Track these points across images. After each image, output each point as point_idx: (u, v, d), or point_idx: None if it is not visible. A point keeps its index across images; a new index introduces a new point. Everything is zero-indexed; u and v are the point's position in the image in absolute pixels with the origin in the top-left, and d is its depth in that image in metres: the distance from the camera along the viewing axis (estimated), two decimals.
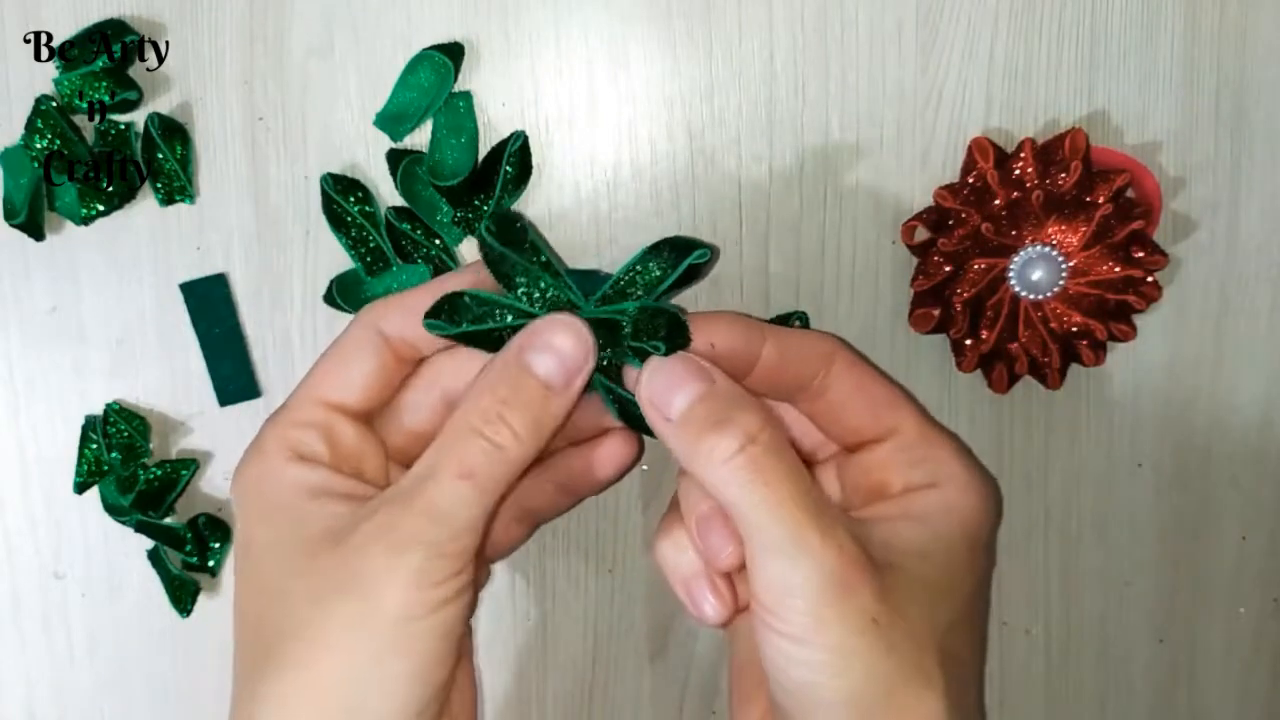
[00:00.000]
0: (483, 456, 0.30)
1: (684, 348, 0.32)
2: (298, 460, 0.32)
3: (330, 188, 0.39)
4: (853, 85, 0.39)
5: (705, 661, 0.42)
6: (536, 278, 0.33)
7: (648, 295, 0.33)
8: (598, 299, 0.33)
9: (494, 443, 0.30)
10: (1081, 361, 0.39)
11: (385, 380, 0.34)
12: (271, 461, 0.32)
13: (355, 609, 0.29)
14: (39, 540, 0.42)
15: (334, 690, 0.29)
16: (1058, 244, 0.38)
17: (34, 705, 0.43)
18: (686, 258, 0.32)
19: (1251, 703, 0.43)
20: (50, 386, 0.41)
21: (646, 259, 0.33)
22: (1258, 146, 0.40)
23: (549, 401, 0.31)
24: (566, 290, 0.33)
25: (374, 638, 0.29)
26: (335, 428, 0.33)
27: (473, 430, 0.30)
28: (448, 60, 0.38)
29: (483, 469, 0.30)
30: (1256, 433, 0.41)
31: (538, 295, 0.33)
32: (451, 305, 0.33)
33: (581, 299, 0.33)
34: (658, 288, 0.33)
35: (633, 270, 0.33)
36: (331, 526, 0.31)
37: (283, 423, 0.33)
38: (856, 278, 0.40)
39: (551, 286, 0.33)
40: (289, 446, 0.32)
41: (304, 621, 0.30)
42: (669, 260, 0.33)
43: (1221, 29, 0.39)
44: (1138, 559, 0.42)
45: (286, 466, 0.32)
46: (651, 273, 0.33)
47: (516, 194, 0.40)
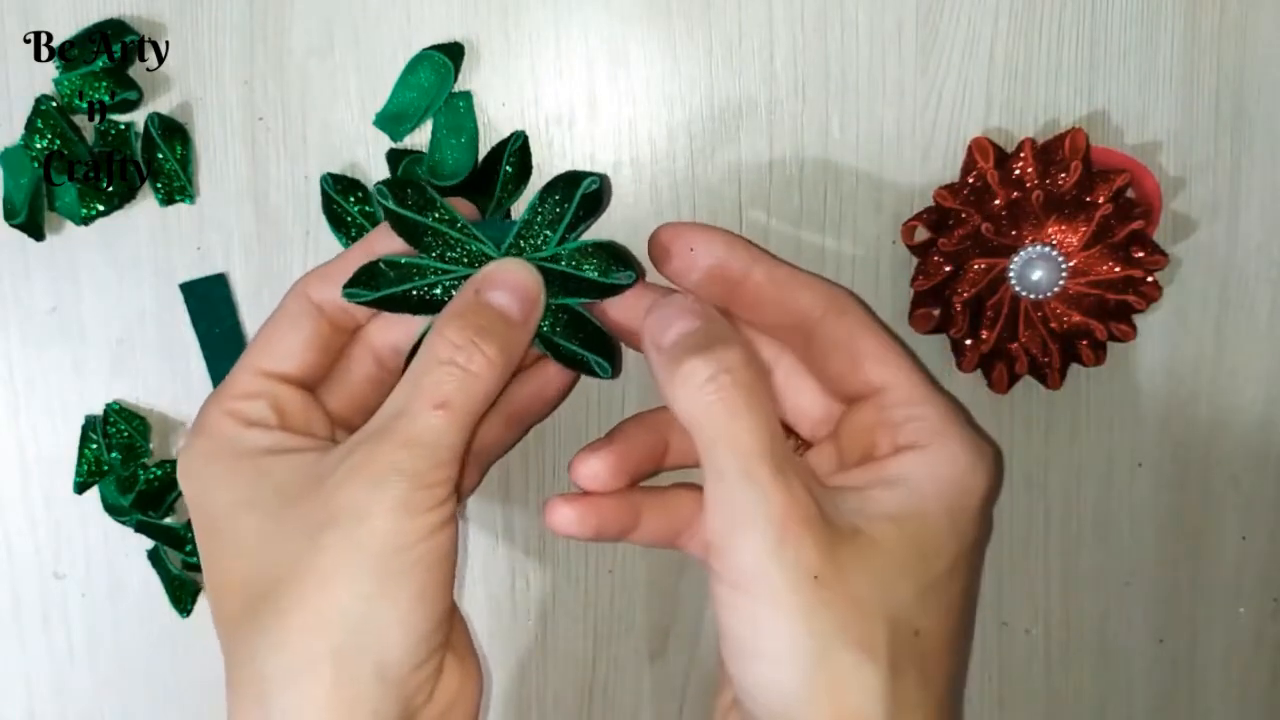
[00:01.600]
0: (456, 385, 0.31)
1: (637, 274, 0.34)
2: (249, 426, 0.32)
3: (330, 188, 0.39)
4: (853, 85, 0.39)
5: (705, 661, 0.42)
6: (443, 235, 0.34)
7: (553, 233, 0.34)
8: (508, 245, 0.34)
9: (467, 370, 0.31)
10: (1081, 361, 0.39)
11: (322, 348, 0.34)
12: (224, 429, 0.32)
13: (345, 541, 0.29)
14: (39, 540, 0.42)
15: (337, 622, 0.29)
16: (1058, 244, 0.38)
17: (34, 705, 0.43)
18: (578, 189, 0.34)
19: (1251, 703, 0.43)
20: (50, 386, 0.41)
21: (543, 198, 0.34)
22: (1258, 146, 0.40)
23: (510, 331, 0.32)
24: (476, 242, 0.34)
25: (369, 567, 0.29)
26: (280, 396, 0.33)
27: (444, 361, 0.31)
28: (448, 60, 0.38)
29: (457, 397, 0.31)
30: (1256, 433, 0.41)
31: (450, 253, 0.34)
32: (370, 273, 0.34)
33: (494, 248, 0.34)
34: (560, 223, 0.34)
35: (534, 211, 0.34)
36: (303, 473, 0.31)
37: (225, 397, 0.33)
38: (856, 278, 0.40)
39: (461, 240, 0.34)
40: (236, 416, 0.33)
41: (294, 563, 0.30)
42: (564, 194, 0.34)
43: (1221, 29, 0.39)
44: (1138, 559, 0.42)
45: (240, 432, 0.32)
46: (551, 210, 0.34)
47: (516, 194, 0.40)
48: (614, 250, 0.34)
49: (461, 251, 0.34)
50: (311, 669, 0.29)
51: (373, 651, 0.29)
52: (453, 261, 0.34)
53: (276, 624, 0.29)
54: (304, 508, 0.30)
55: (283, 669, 0.29)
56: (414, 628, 0.30)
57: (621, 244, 0.35)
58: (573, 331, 0.35)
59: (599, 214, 0.35)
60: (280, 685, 0.29)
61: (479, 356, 0.31)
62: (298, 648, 0.29)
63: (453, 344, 0.31)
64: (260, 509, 0.31)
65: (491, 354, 0.31)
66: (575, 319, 0.35)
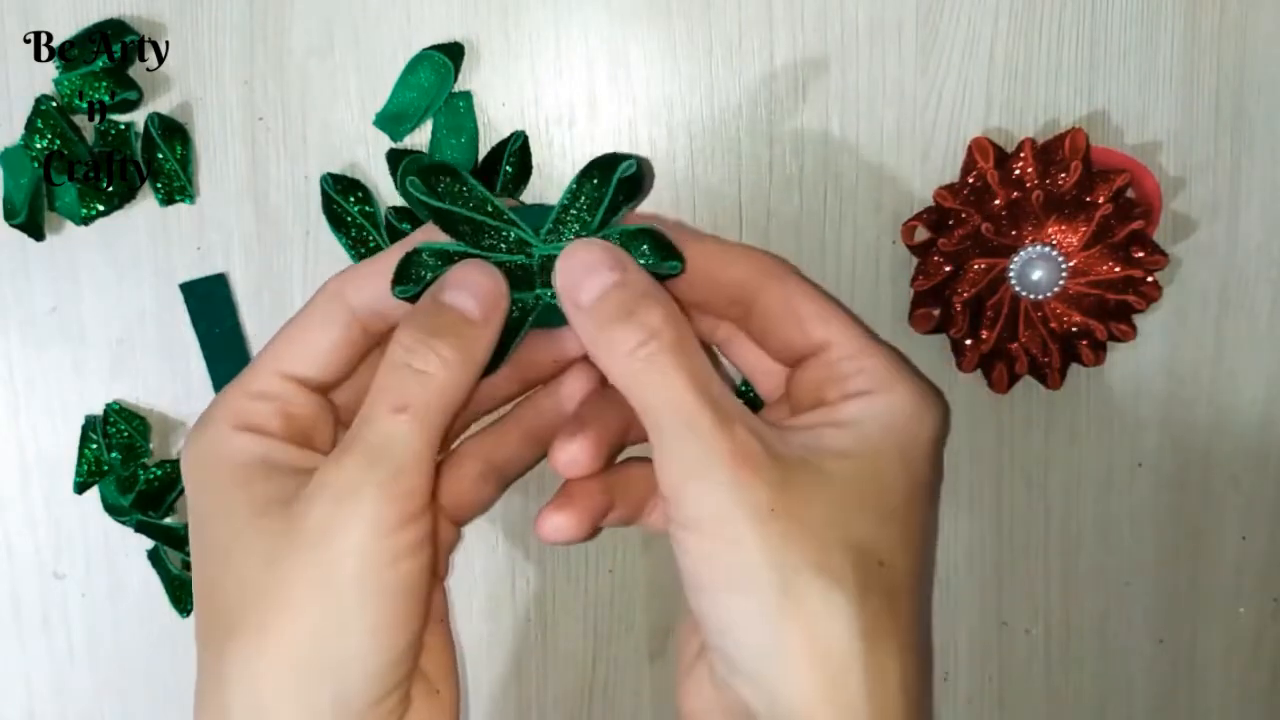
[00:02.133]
0: (413, 386, 0.30)
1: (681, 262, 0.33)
2: (246, 431, 0.32)
3: (330, 188, 0.39)
4: (853, 85, 0.39)
5: None
6: (481, 223, 0.33)
7: (592, 218, 0.33)
8: (547, 230, 0.33)
9: (421, 370, 0.30)
10: (1081, 361, 0.39)
11: (349, 353, 0.33)
12: (219, 430, 0.32)
13: (310, 565, 0.29)
14: (39, 540, 0.42)
15: (299, 654, 0.29)
16: (1058, 244, 0.38)
17: (34, 705, 0.43)
18: (614, 172, 0.33)
19: (1251, 703, 0.43)
20: (50, 386, 0.41)
21: (580, 181, 0.33)
22: (1258, 146, 0.40)
23: (470, 330, 0.31)
24: (514, 228, 0.33)
25: (334, 593, 0.29)
26: (292, 400, 0.33)
27: (398, 365, 0.30)
28: (447, 60, 0.38)
29: (416, 399, 0.30)
30: (1256, 433, 0.41)
31: (488, 240, 0.33)
32: (412, 265, 0.33)
33: (531, 233, 0.33)
34: (599, 208, 0.33)
35: (572, 195, 0.33)
36: (278, 493, 0.30)
37: (237, 392, 0.32)
38: (856, 278, 0.40)
39: (499, 227, 0.33)
40: (239, 417, 0.32)
41: (260, 583, 0.29)
42: (601, 177, 0.33)
43: (1221, 29, 0.39)
44: (1138, 559, 0.42)
45: (234, 436, 0.32)
46: (590, 194, 0.33)
47: (516, 193, 0.40)
48: (658, 237, 0.33)
49: (498, 238, 0.33)
50: (272, 705, 0.29)
51: (332, 684, 0.29)
52: (492, 249, 0.33)
53: (240, 652, 0.29)
54: (275, 523, 0.30)
55: (245, 701, 0.29)
56: (374, 661, 0.29)
57: (661, 229, 0.34)
58: None
59: (640, 198, 0.35)
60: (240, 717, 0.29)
61: (432, 357, 0.30)
62: (259, 680, 0.29)
63: (405, 346, 0.31)
64: (235, 521, 0.30)
65: (446, 353, 0.30)
66: None
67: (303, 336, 0.33)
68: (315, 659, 0.29)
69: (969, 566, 0.42)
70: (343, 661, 0.29)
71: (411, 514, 0.30)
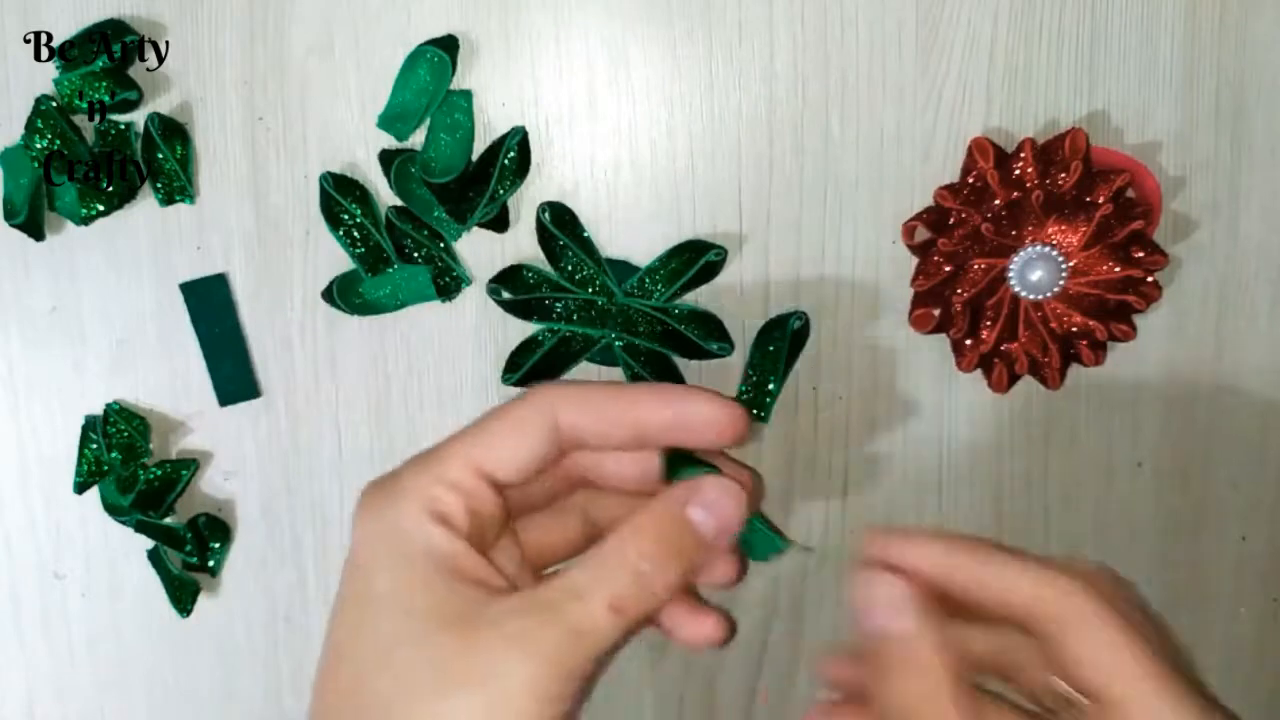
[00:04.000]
0: (635, 593, 0.30)
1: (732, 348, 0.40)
2: (440, 523, 0.31)
3: (330, 187, 0.39)
4: (853, 85, 0.39)
5: (705, 662, 0.42)
6: (580, 260, 0.40)
7: (668, 287, 0.39)
8: (629, 287, 0.40)
9: (650, 589, 0.31)
10: (1081, 361, 0.39)
11: (541, 464, 0.33)
12: (411, 510, 0.31)
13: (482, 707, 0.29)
14: (39, 540, 0.42)
15: None
16: (1058, 244, 0.38)
17: (34, 705, 0.43)
18: (704, 255, 0.39)
19: (1251, 703, 0.43)
20: (50, 386, 0.41)
21: (670, 256, 0.40)
22: (1258, 146, 0.40)
23: (701, 553, 0.32)
24: (602, 274, 0.40)
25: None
26: (479, 498, 0.32)
27: (632, 569, 0.31)
28: (443, 54, 0.38)
29: (632, 606, 0.30)
30: (1256, 433, 0.41)
31: (579, 275, 0.40)
32: (512, 274, 0.40)
33: (615, 283, 0.40)
34: (677, 281, 0.39)
35: (661, 263, 0.40)
36: (462, 608, 0.30)
37: (432, 475, 0.31)
38: (856, 278, 0.40)
39: (590, 268, 0.40)
40: (434, 505, 0.31)
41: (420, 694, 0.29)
42: (690, 258, 0.39)
43: (1221, 29, 0.39)
44: (1138, 559, 0.42)
45: (428, 525, 0.31)
46: (672, 266, 0.40)
47: (514, 188, 0.40)
48: (714, 321, 0.40)
49: (586, 277, 0.40)
50: None
51: None
52: (580, 284, 0.40)
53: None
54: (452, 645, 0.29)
55: None
56: None
57: (718, 317, 0.40)
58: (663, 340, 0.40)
59: (709, 280, 0.40)
60: None
61: (663, 579, 0.31)
62: None
63: (645, 554, 0.31)
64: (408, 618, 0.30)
65: (675, 578, 0.31)
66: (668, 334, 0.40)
67: (507, 438, 0.32)
68: None
69: None
70: None
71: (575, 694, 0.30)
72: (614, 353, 0.40)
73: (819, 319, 0.40)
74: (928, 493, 0.41)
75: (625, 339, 0.40)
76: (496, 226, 0.40)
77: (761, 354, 0.40)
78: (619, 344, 0.40)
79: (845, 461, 0.41)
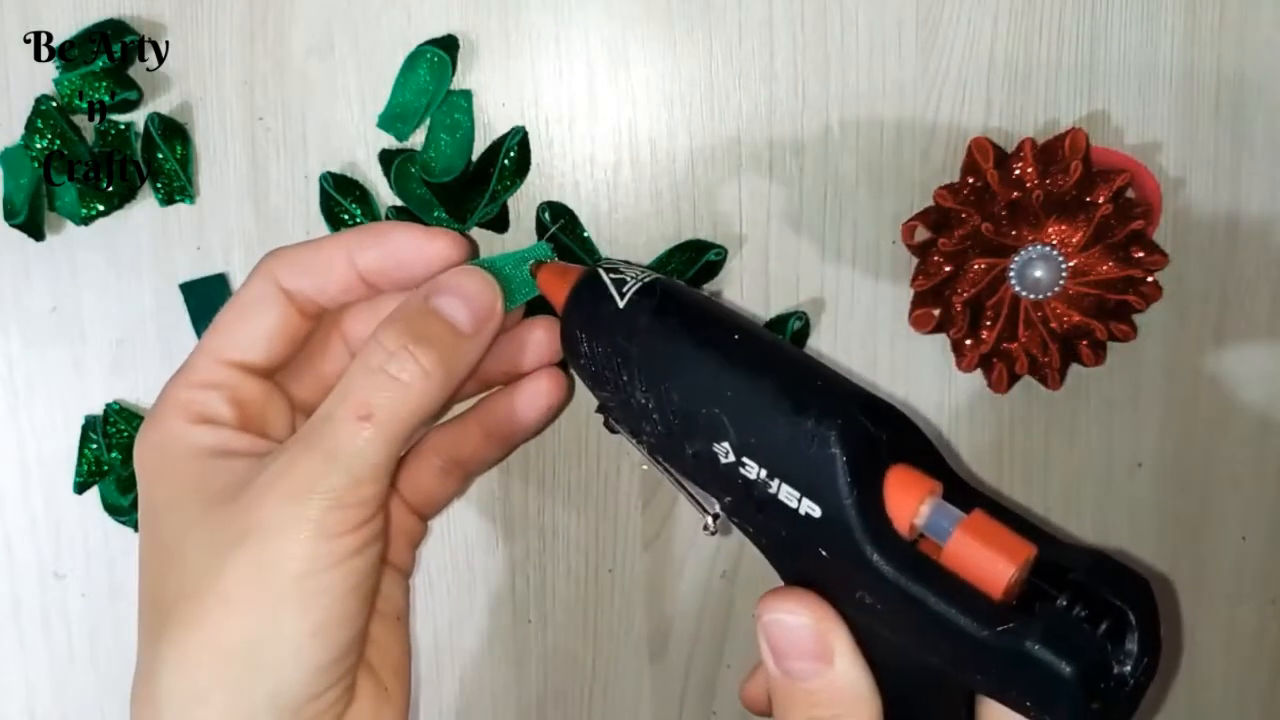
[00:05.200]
0: (385, 395, 0.29)
1: None
2: (199, 422, 0.31)
3: (330, 187, 0.39)
4: (853, 85, 0.39)
5: (705, 661, 0.42)
6: (579, 259, 0.39)
7: None
8: None
9: (397, 379, 0.29)
10: (1081, 361, 0.39)
11: (289, 335, 0.32)
12: (171, 424, 0.31)
13: (252, 562, 0.28)
14: (39, 540, 0.42)
15: (233, 648, 0.28)
16: (1058, 244, 0.38)
17: (34, 705, 0.43)
18: (704, 255, 0.39)
19: (1251, 703, 0.43)
20: (50, 386, 0.41)
21: (671, 255, 0.39)
22: (1258, 146, 0.40)
23: (458, 343, 0.30)
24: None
25: (273, 593, 0.28)
26: (239, 386, 0.31)
27: (374, 369, 0.29)
28: (443, 54, 0.38)
29: (384, 409, 0.29)
30: (1256, 433, 0.41)
31: None
32: None
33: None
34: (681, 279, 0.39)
35: (659, 264, 0.39)
36: (231, 481, 0.29)
37: (182, 384, 0.31)
38: (856, 278, 0.40)
39: None
40: (189, 408, 0.31)
41: (200, 577, 0.28)
42: (689, 257, 0.39)
43: (1221, 29, 0.39)
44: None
45: (187, 429, 0.31)
46: (672, 267, 0.39)
47: (514, 188, 0.40)
48: None
49: None
50: (204, 697, 0.28)
51: (267, 681, 0.28)
52: None
53: (175, 643, 0.29)
54: (221, 516, 0.29)
55: (177, 692, 0.28)
56: (311, 659, 0.29)
57: None
58: None
59: (709, 280, 0.40)
60: (172, 710, 0.28)
61: (412, 365, 0.29)
62: (192, 672, 0.28)
63: (386, 350, 0.29)
64: (185, 512, 0.30)
65: (428, 364, 0.29)
66: None
67: (240, 321, 0.32)
68: (250, 654, 0.28)
69: None
70: (279, 658, 0.28)
71: (363, 520, 0.29)
72: None
73: (819, 319, 0.40)
74: None
75: None
76: (496, 226, 0.40)
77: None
78: None
79: None
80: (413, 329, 0.30)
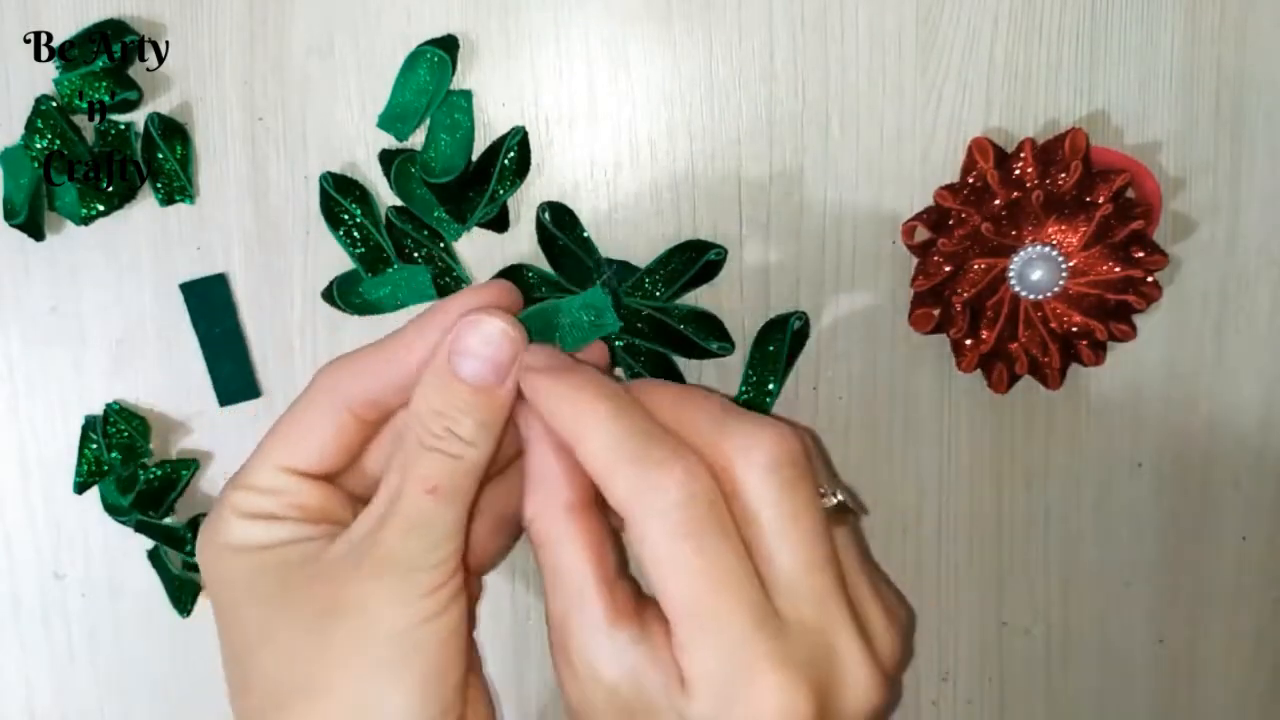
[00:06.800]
0: (441, 467, 0.30)
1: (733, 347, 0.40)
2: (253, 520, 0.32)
3: (330, 187, 0.39)
4: (853, 85, 0.39)
5: None
6: (579, 258, 0.39)
7: (669, 287, 0.39)
8: (629, 287, 0.39)
9: (448, 453, 0.30)
10: (1081, 361, 0.39)
11: (345, 442, 0.33)
12: (230, 524, 0.32)
13: (351, 629, 0.29)
14: (39, 540, 0.42)
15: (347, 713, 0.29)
16: (1058, 244, 0.38)
17: (34, 705, 0.43)
18: (704, 255, 0.39)
19: (1251, 703, 0.43)
20: (50, 386, 0.41)
21: (671, 255, 0.39)
22: (1258, 146, 0.40)
23: (488, 400, 0.31)
24: (600, 278, 0.39)
25: (375, 652, 0.29)
26: (298, 493, 0.32)
27: (425, 446, 0.31)
28: (443, 54, 0.38)
29: (445, 480, 0.30)
30: (1256, 433, 0.41)
31: (581, 277, 0.39)
32: (512, 275, 0.40)
33: (616, 284, 0.40)
34: (677, 281, 0.39)
35: (660, 263, 0.39)
36: (309, 562, 0.31)
37: (241, 488, 0.32)
38: (856, 278, 0.40)
39: (591, 267, 0.39)
40: (242, 508, 0.32)
41: (303, 654, 0.30)
42: (689, 257, 0.39)
43: (1221, 29, 0.39)
44: (1138, 559, 0.42)
45: (248, 525, 0.32)
46: (672, 266, 0.39)
47: (513, 188, 0.40)
48: (714, 321, 0.40)
49: (588, 283, 0.39)
50: None
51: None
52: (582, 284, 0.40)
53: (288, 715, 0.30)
54: (309, 600, 0.30)
55: None
56: (426, 707, 0.30)
57: (718, 317, 0.40)
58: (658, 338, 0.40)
59: (709, 280, 0.40)
60: None
61: (455, 441, 0.31)
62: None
63: (427, 428, 0.31)
64: (269, 599, 0.31)
65: (468, 434, 0.31)
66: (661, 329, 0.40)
67: (297, 430, 0.33)
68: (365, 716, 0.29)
69: (969, 566, 0.42)
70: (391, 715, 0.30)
71: (443, 579, 0.30)
72: (614, 353, 0.40)
73: (819, 319, 0.40)
74: (928, 493, 0.41)
75: (625, 339, 0.40)
76: (496, 226, 0.40)
77: (761, 354, 0.40)
78: (619, 344, 0.40)
79: (845, 461, 0.41)
80: (440, 400, 0.31)
